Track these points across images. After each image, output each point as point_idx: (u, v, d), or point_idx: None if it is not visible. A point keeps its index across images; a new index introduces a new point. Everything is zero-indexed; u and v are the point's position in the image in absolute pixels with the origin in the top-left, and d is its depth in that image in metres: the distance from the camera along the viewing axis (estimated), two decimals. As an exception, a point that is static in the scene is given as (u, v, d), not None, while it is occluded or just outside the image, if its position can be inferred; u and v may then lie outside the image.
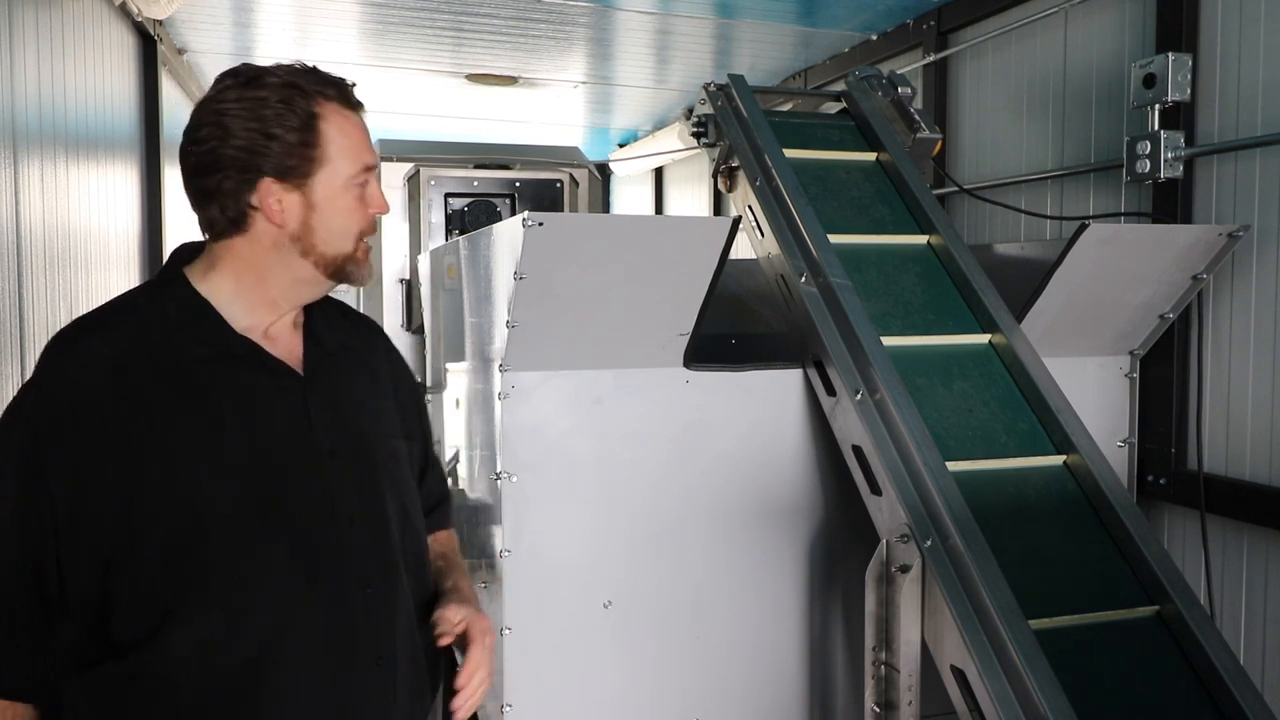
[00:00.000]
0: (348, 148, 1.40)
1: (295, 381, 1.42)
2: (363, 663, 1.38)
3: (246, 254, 1.40)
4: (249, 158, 1.35)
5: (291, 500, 1.36)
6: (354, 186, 1.41)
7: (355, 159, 1.41)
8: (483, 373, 2.57)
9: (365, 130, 1.45)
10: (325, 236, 1.40)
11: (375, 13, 4.29)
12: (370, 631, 1.39)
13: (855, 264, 2.65)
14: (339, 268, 1.43)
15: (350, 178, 1.40)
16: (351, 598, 1.37)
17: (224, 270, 1.41)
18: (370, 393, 1.53)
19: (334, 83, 1.41)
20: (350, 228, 1.42)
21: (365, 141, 1.44)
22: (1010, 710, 1.92)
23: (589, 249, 2.26)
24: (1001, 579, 2.03)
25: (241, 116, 1.35)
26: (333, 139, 1.38)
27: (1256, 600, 2.75)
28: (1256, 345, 2.75)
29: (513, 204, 4.45)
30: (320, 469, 1.39)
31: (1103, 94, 3.27)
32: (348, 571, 1.37)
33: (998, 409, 2.48)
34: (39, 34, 2.82)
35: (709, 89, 3.15)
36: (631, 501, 2.48)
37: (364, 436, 1.46)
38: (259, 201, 1.36)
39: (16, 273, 2.59)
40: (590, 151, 6.52)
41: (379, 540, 1.43)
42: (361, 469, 1.43)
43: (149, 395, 1.31)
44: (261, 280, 1.41)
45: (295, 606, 1.33)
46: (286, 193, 1.37)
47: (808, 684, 2.65)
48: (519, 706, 2.42)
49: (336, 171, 1.39)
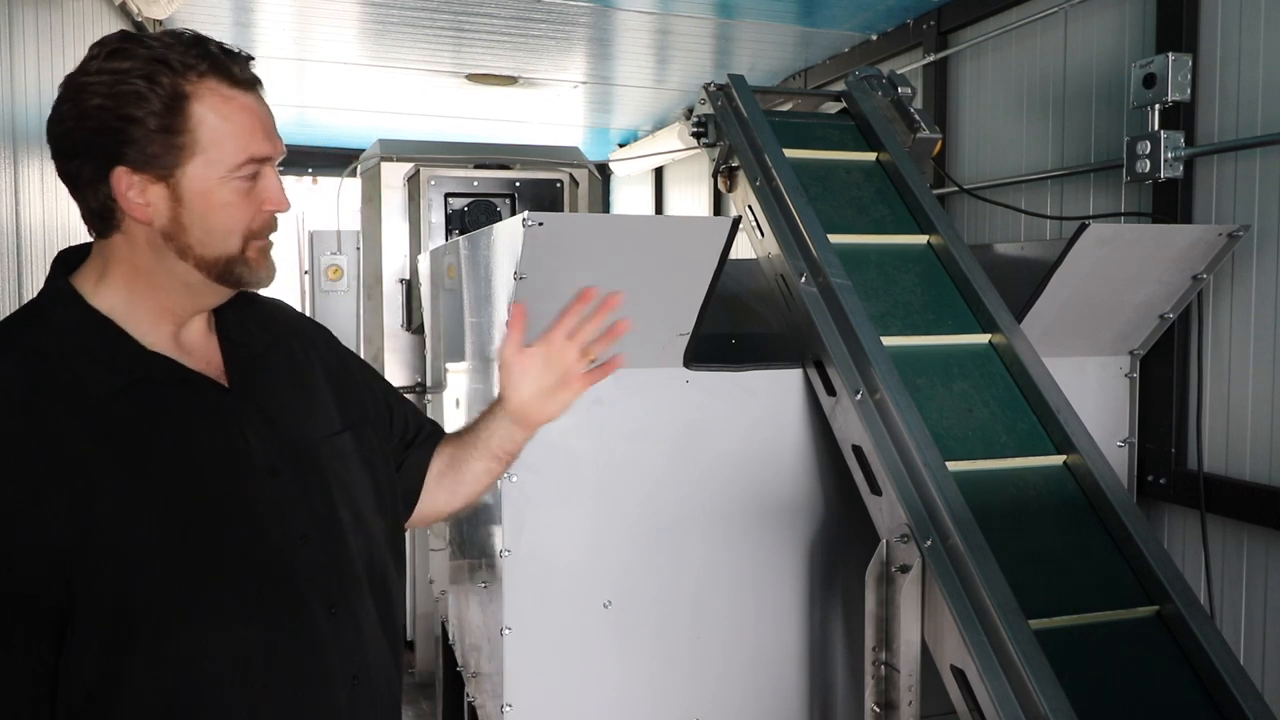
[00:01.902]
0: (228, 134, 1.19)
1: (222, 396, 1.27)
2: (341, 685, 1.29)
3: (128, 255, 1.22)
4: (102, 142, 1.16)
5: (237, 531, 1.22)
6: (236, 180, 1.21)
7: (238, 148, 1.20)
8: (483, 373, 2.57)
9: (256, 114, 1.23)
10: (200, 236, 1.21)
11: (375, 13, 4.29)
12: (342, 652, 1.30)
13: (855, 264, 2.65)
14: (225, 271, 1.24)
15: (231, 169, 1.20)
16: (317, 622, 1.27)
17: (115, 277, 1.23)
18: (302, 391, 1.39)
19: (214, 55, 1.19)
20: (232, 227, 1.22)
21: (254, 127, 1.22)
22: (1010, 710, 1.92)
23: (589, 249, 2.26)
24: (1001, 579, 2.03)
25: (97, 93, 1.15)
26: (206, 123, 1.18)
27: (1256, 600, 2.75)
28: (1256, 345, 2.75)
29: (513, 204, 4.45)
30: (263, 490, 1.26)
31: (1103, 94, 3.27)
32: (308, 594, 1.27)
33: (998, 409, 2.48)
34: (39, 34, 2.82)
35: (709, 89, 3.15)
36: (631, 501, 2.47)
37: (304, 444, 1.33)
38: (117, 194, 1.17)
39: (16, 273, 2.59)
40: (590, 151, 6.51)
41: (335, 555, 1.32)
42: (307, 481, 1.31)
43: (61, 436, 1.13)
44: (151, 285, 1.23)
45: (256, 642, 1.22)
46: (149, 184, 1.18)
47: (808, 684, 2.65)
48: (519, 706, 2.42)
49: (212, 161, 1.19)
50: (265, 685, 1.23)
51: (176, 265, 1.22)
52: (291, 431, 1.33)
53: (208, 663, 1.19)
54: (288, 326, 1.46)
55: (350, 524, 1.35)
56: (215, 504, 1.22)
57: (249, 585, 1.22)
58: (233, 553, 1.22)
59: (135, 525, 1.15)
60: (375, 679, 1.36)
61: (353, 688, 1.31)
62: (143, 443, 1.19)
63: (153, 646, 1.15)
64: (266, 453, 1.28)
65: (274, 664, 1.23)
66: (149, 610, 1.15)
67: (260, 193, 1.24)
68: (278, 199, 1.26)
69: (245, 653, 1.21)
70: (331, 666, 1.29)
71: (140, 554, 1.15)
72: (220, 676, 1.19)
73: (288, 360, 1.41)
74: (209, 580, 1.19)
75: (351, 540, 1.35)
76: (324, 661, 1.28)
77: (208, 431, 1.24)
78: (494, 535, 2.47)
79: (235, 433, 1.26)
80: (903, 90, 3.18)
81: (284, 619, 1.25)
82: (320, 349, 1.48)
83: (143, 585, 1.15)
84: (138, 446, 1.18)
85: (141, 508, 1.16)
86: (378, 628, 1.38)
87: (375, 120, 6.49)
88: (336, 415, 1.42)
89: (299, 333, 1.47)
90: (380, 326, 4.46)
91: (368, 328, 4.56)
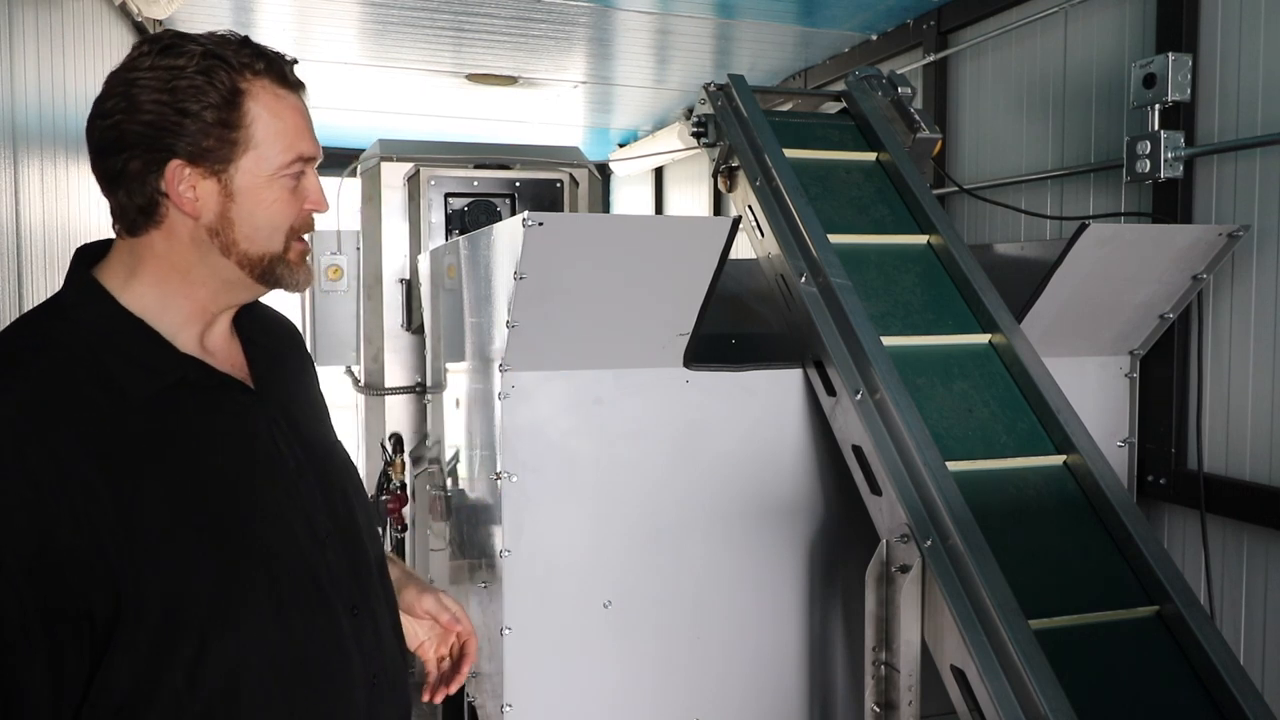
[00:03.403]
0: (279, 132, 1.22)
1: (251, 398, 1.27)
2: (361, 685, 1.30)
3: (165, 252, 1.21)
4: (157, 135, 1.16)
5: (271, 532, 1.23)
6: (284, 178, 1.23)
7: (288, 146, 1.22)
8: (483, 373, 2.56)
9: (304, 115, 1.26)
10: (248, 232, 1.22)
11: (375, 13, 4.29)
12: (362, 652, 1.31)
13: (855, 264, 2.65)
14: (266, 269, 1.25)
15: (280, 167, 1.22)
16: (340, 623, 1.28)
17: (146, 275, 1.22)
18: (311, 397, 1.42)
19: (267, 56, 1.22)
20: (278, 224, 1.24)
21: (303, 127, 1.25)
22: (1010, 710, 1.92)
23: (589, 249, 2.26)
24: (1001, 579, 2.03)
25: (151, 87, 1.16)
26: (260, 120, 1.20)
27: (1256, 600, 2.75)
28: (1256, 345, 2.75)
29: (513, 204, 4.45)
30: (292, 491, 1.27)
31: (1103, 94, 3.27)
32: (332, 596, 1.27)
33: (998, 409, 2.48)
34: (39, 34, 2.82)
35: (709, 89, 3.15)
36: (631, 501, 2.48)
37: (322, 446, 1.36)
38: (168, 187, 1.18)
39: (16, 273, 2.58)
40: (590, 151, 6.51)
41: (354, 556, 1.33)
42: (328, 483, 1.33)
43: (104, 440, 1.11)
44: (187, 283, 1.23)
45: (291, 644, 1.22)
46: (201, 179, 1.19)
47: (808, 684, 2.65)
48: (519, 706, 2.42)
49: (263, 159, 1.21)
50: (295, 687, 1.23)
51: (219, 262, 1.23)
52: (312, 434, 1.35)
53: (244, 666, 1.18)
54: (286, 333, 1.48)
55: (365, 526, 1.38)
56: (252, 506, 1.22)
57: (281, 587, 1.22)
58: (267, 554, 1.22)
59: (181, 529, 1.14)
60: (390, 679, 1.37)
61: (371, 688, 1.32)
62: (183, 446, 1.18)
63: (193, 651, 1.14)
64: (293, 454, 1.29)
65: (304, 665, 1.23)
66: (193, 614, 1.14)
67: (303, 192, 1.26)
68: (318, 199, 1.28)
69: (278, 654, 1.21)
70: (353, 667, 1.29)
71: (186, 558, 1.14)
72: (256, 679, 1.19)
73: (297, 369, 1.43)
74: (247, 582, 1.19)
75: (367, 542, 1.37)
76: (348, 662, 1.29)
77: (242, 433, 1.25)
78: (494, 535, 2.47)
79: (265, 435, 1.27)
80: (903, 90, 3.18)
81: (313, 620, 1.25)
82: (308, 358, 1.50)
83: (188, 589, 1.13)
84: (178, 449, 1.17)
85: (186, 511, 1.15)
86: (390, 630, 1.40)
87: (375, 120, 6.49)
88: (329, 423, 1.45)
89: (296, 342, 1.49)
90: (380, 326, 4.45)
91: (368, 328, 4.55)
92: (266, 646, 1.20)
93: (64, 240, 3.04)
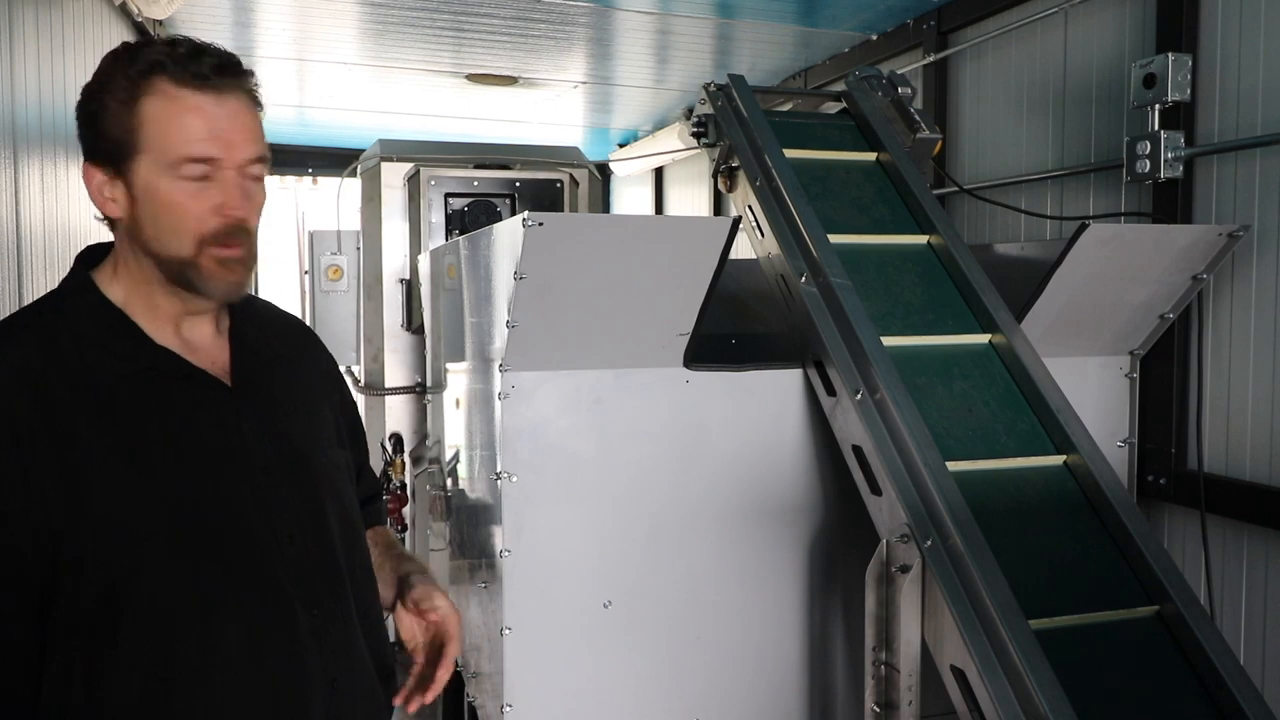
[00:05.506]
0: (169, 131, 1.20)
1: (224, 394, 1.30)
2: (318, 688, 1.29)
3: (121, 251, 1.29)
4: (81, 139, 1.25)
5: (225, 523, 1.25)
6: (181, 180, 1.21)
7: (177, 145, 1.20)
8: (483, 373, 2.56)
9: (209, 115, 1.22)
10: (154, 234, 1.24)
11: (375, 13, 4.29)
12: (322, 654, 1.29)
13: (855, 264, 2.65)
14: (178, 273, 1.25)
15: (170, 166, 1.21)
16: (296, 621, 1.27)
17: (120, 272, 1.29)
18: (306, 401, 1.43)
19: (176, 56, 1.21)
20: (180, 227, 1.23)
21: (200, 126, 1.21)
22: (1010, 710, 1.92)
23: (589, 249, 2.26)
24: (1001, 579, 2.03)
25: (83, 93, 1.24)
26: (151, 121, 1.20)
27: (1256, 600, 2.75)
28: (1256, 345, 2.75)
29: (513, 204, 4.45)
30: (254, 487, 1.28)
31: (1103, 94, 3.27)
32: (290, 593, 1.28)
33: (998, 409, 2.48)
34: (39, 34, 2.82)
35: (709, 89, 3.15)
36: (631, 501, 2.47)
37: (301, 448, 1.36)
38: (90, 190, 1.25)
39: (16, 273, 2.59)
40: (590, 151, 6.51)
41: (321, 557, 1.33)
42: (299, 483, 1.34)
43: (67, 417, 1.18)
44: (139, 281, 1.28)
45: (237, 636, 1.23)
46: (109, 181, 1.24)
47: (808, 684, 2.65)
48: (519, 706, 2.42)
49: (154, 160, 1.21)
50: (243, 681, 1.23)
51: (145, 262, 1.27)
52: (288, 436, 1.36)
53: (189, 655, 1.20)
54: (304, 345, 1.51)
55: (339, 532, 1.37)
56: (207, 496, 1.25)
57: (233, 579, 1.24)
58: (219, 545, 1.24)
59: (127, 511, 1.18)
60: (360, 685, 1.36)
61: (331, 692, 1.31)
62: (142, 430, 1.23)
63: (136, 635, 1.17)
64: (261, 452, 1.30)
65: (254, 660, 1.24)
66: (134, 598, 1.17)
67: (213, 196, 1.23)
68: (235, 199, 1.24)
69: (226, 647, 1.22)
70: (309, 668, 1.29)
71: (130, 540, 1.18)
72: (200, 670, 1.20)
73: (297, 374, 1.44)
74: (195, 571, 1.22)
75: (339, 548, 1.36)
76: (303, 663, 1.28)
77: (206, 425, 1.28)
78: (494, 535, 2.47)
79: (232, 429, 1.29)
80: (903, 90, 3.18)
81: (267, 616, 1.26)
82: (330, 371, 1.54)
83: (130, 572, 1.17)
84: (137, 433, 1.22)
85: (135, 494, 1.20)
86: (365, 637, 1.39)
87: (375, 120, 6.49)
88: (334, 435, 1.46)
89: (315, 355, 1.52)
90: (380, 326, 4.45)
91: (368, 328, 4.56)
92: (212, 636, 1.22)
93: (64, 240, 3.04)
